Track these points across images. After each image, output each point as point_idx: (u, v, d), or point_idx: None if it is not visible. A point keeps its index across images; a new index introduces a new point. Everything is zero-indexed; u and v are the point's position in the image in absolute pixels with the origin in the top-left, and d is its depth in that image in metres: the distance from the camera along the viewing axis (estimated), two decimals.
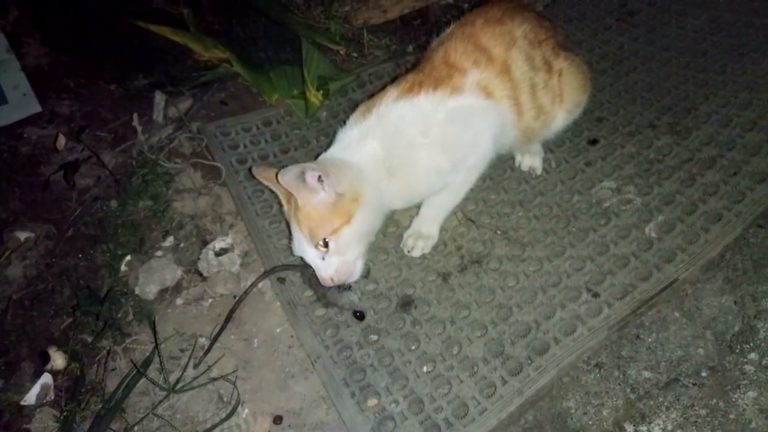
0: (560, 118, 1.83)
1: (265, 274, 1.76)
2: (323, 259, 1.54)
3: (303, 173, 1.44)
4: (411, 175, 1.60)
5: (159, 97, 2.28)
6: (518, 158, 2.03)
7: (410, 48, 2.58)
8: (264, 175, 1.63)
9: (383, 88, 1.69)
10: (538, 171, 2.00)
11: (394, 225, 1.88)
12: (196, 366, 1.63)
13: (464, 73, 1.61)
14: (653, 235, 1.78)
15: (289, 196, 1.57)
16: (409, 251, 1.78)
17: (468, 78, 1.60)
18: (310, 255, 1.55)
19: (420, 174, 1.61)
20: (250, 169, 1.79)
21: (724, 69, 2.31)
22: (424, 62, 1.70)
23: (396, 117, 1.57)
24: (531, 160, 2.01)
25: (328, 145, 1.67)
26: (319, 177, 1.45)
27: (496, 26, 1.68)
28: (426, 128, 1.56)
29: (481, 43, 1.65)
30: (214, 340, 1.66)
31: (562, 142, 2.09)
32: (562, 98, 1.80)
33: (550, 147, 2.06)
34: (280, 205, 1.66)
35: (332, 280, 1.56)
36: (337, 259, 1.54)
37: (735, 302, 1.64)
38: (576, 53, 1.88)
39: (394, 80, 1.71)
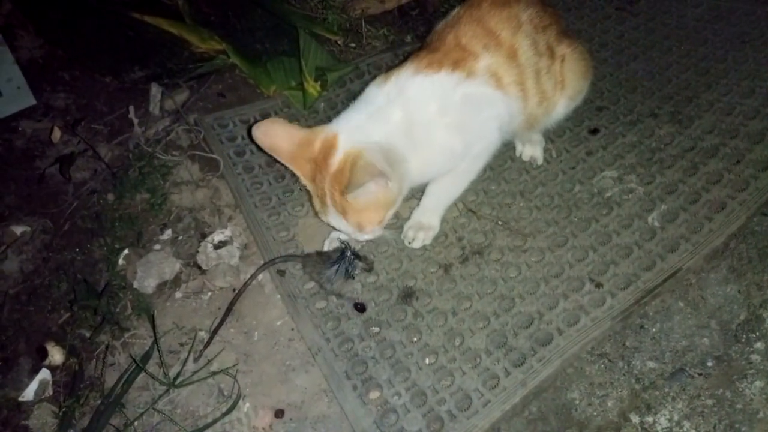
0: (561, 105, 1.82)
1: (265, 266, 1.74)
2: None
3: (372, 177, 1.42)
4: (428, 152, 1.58)
5: (155, 90, 2.26)
6: (519, 148, 2.02)
7: (408, 38, 2.55)
8: (269, 142, 1.55)
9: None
10: (539, 161, 1.99)
11: (394, 216, 1.86)
12: (196, 360, 1.61)
13: (477, 57, 1.60)
14: (656, 224, 1.76)
15: (315, 172, 1.53)
16: (409, 243, 1.77)
17: (480, 62, 1.60)
18: (348, 233, 1.63)
19: (436, 152, 1.60)
20: (249, 130, 1.76)
21: (726, 57, 2.29)
22: (436, 43, 1.67)
23: (416, 91, 1.56)
24: (532, 150, 1.99)
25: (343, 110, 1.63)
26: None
27: (502, 9, 1.66)
28: (444, 107, 1.56)
29: (489, 27, 1.63)
30: (214, 333, 1.64)
31: (563, 132, 2.07)
32: (563, 85, 1.78)
33: (550, 137, 2.05)
34: (293, 175, 1.62)
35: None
36: (373, 233, 1.61)
37: (740, 291, 1.63)
38: (578, 41, 1.86)
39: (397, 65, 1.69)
